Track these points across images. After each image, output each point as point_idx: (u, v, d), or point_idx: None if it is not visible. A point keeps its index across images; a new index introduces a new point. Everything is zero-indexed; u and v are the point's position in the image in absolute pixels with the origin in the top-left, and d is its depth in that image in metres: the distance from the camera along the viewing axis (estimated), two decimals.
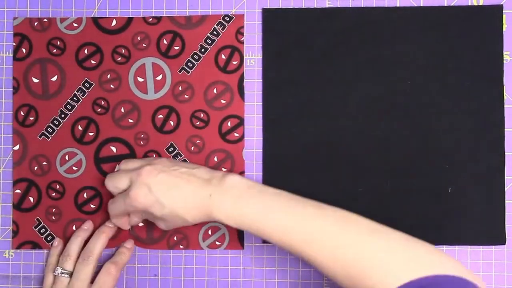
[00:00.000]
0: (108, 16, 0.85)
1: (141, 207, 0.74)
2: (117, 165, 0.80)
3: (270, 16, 0.84)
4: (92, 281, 0.80)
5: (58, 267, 0.80)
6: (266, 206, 0.71)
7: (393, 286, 0.63)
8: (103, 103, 0.84)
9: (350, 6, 0.83)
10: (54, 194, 0.84)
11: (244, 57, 0.84)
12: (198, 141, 0.83)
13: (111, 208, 0.78)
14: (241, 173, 0.83)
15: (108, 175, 0.78)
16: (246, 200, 0.71)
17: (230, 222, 0.71)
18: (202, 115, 0.84)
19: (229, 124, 0.83)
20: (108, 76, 0.84)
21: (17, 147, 0.85)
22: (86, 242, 0.82)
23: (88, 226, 0.83)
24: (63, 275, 0.80)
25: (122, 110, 0.84)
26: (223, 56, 0.84)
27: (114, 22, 0.85)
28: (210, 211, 0.72)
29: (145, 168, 0.74)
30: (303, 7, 0.84)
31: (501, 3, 0.82)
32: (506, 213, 0.81)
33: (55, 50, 0.85)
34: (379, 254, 0.66)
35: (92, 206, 0.84)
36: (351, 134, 0.82)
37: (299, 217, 0.70)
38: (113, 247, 0.83)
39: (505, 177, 0.82)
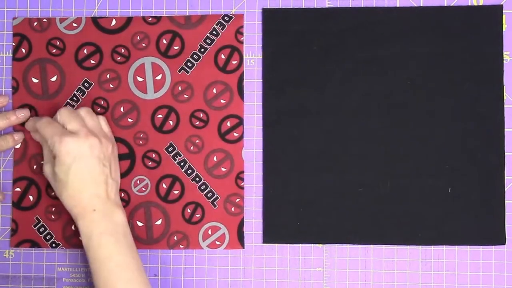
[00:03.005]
0: (108, 16, 0.85)
1: (63, 153, 0.76)
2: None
3: (270, 16, 0.84)
4: None
5: None
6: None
7: None
8: (102, 102, 0.84)
9: (350, 6, 0.83)
10: (53, 193, 0.84)
11: (244, 57, 0.84)
12: (197, 141, 0.83)
13: (43, 122, 0.79)
14: (241, 173, 0.83)
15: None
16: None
17: (84, 236, 0.77)
18: (201, 114, 0.84)
19: (228, 124, 0.83)
20: (108, 76, 0.84)
21: (17, 146, 0.84)
22: None
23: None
24: None
25: (122, 109, 0.84)
26: (222, 56, 0.84)
27: (113, 22, 0.85)
28: (84, 213, 0.77)
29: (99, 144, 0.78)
30: (303, 7, 0.84)
31: (501, 3, 0.82)
32: (506, 213, 0.81)
33: (54, 50, 0.85)
34: None
35: None
36: (351, 134, 0.82)
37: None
38: None
39: (505, 177, 0.81)
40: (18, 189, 0.84)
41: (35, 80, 0.85)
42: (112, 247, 0.76)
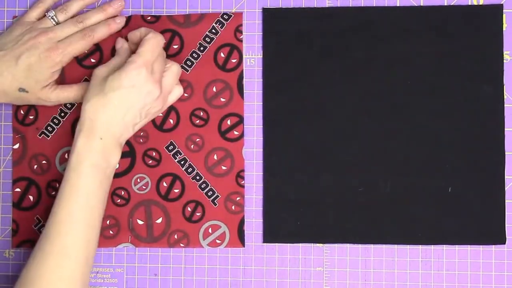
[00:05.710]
0: None
1: (128, 75, 0.76)
2: None
3: (270, 16, 0.84)
4: None
5: (53, 11, 0.82)
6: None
7: None
8: None
9: (350, 6, 0.84)
10: (54, 193, 0.84)
11: (244, 56, 0.84)
12: (197, 140, 0.83)
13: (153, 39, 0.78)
14: (241, 171, 0.83)
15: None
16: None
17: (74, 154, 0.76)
18: (201, 113, 0.84)
19: (228, 122, 0.83)
20: None
21: (16, 146, 0.85)
22: None
23: None
24: (52, 20, 0.81)
25: None
26: (222, 54, 0.84)
27: None
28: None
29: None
30: (303, 7, 0.84)
31: (501, 3, 0.82)
32: (506, 213, 0.81)
33: None
34: None
35: None
36: (351, 133, 0.82)
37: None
38: (114, 246, 0.83)
39: (505, 177, 0.81)
40: (18, 189, 0.84)
41: None
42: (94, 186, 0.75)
